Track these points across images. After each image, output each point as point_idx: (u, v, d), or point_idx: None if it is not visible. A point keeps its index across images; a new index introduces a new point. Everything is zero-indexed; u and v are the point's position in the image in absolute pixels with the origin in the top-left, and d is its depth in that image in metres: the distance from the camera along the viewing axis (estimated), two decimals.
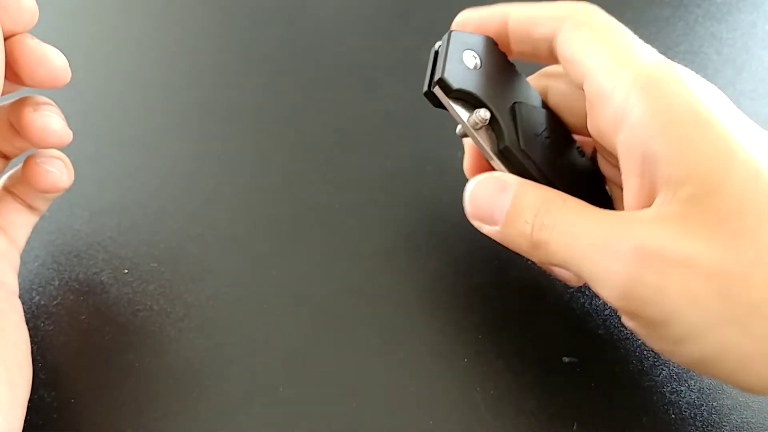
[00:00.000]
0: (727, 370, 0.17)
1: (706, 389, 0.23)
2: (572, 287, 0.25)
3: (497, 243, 0.22)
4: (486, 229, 0.22)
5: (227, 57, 0.36)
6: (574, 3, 0.22)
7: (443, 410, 0.22)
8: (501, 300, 0.25)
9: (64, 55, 0.21)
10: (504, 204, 0.21)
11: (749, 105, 0.34)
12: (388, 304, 0.25)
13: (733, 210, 0.16)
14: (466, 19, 0.24)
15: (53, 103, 0.22)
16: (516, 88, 0.23)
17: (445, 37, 0.22)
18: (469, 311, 0.25)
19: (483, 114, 0.21)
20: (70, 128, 0.22)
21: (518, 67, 0.24)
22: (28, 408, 0.20)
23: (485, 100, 0.21)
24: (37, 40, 0.20)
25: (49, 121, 0.22)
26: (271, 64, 0.35)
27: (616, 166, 0.21)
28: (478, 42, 0.23)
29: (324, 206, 0.28)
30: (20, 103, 0.22)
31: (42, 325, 0.24)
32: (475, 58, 0.22)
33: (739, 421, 0.22)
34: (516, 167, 0.22)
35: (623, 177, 0.20)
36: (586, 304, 0.25)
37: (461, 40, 0.22)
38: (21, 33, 0.20)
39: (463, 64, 0.21)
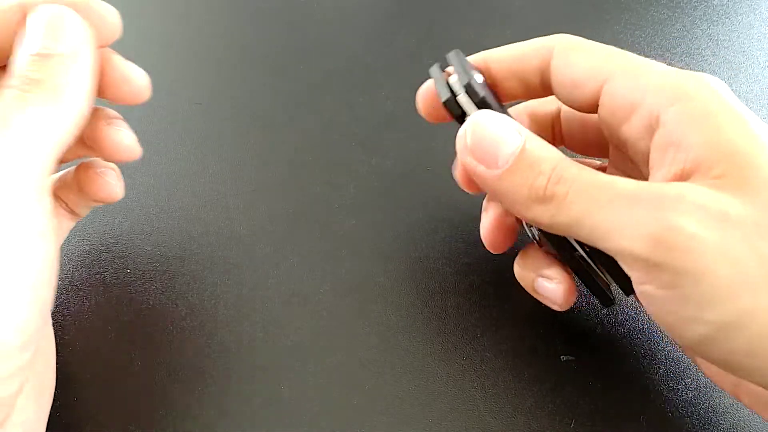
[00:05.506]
0: (746, 342, 0.16)
1: (702, 388, 0.23)
2: None
3: None
4: (480, 170, 0.19)
5: (228, 58, 0.36)
6: (555, 35, 0.22)
7: (442, 408, 0.22)
8: (499, 299, 0.25)
9: None
10: (514, 147, 0.19)
11: (746, 106, 0.34)
12: (387, 303, 0.25)
13: (765, 183, 0.16)
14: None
15: (121, 116, 0.23)
16: (504, 109, 0.22)
17: (452, 53, 0.22)
18: (468, 310, 0.25)
19: None
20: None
21: None
22: None
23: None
24: (121, 57, 0.21)
25: (124, 135, 0.22)
26: (272, 65, 0.35)
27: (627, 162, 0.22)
28: (474, 67, 0.22)
29: (323, 206, 0.29)
30: (92, 116, 0.21)
31: None
32: (481, 77, 0.22)
33: (735, 419, 0.22)
34: None
35: (651, 171, 0.19)
36: (583, 303, 0.25)
37: (466, 60, 0.22)
38: (103, 47, 0.20)
39: (476, 79, 0.21)
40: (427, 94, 0.24)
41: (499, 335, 0.24)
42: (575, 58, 0.21)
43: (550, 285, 0.22)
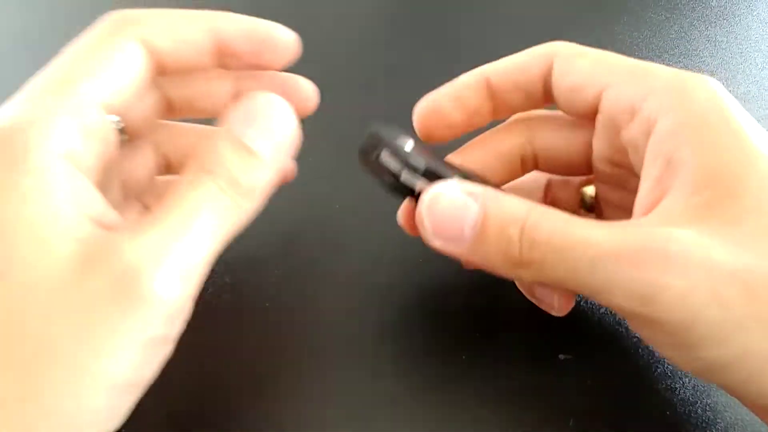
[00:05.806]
0: (744, 375, 0.16)
1: (700, 387, 0.23)
2: None
3: None
4: (452, 249, 0.19)
5: None
6: (554, 42, 0.22)
7: (442, 408, 0.23)
8: (498, 299, 0.25)
9: None
10: (475, 215, 0.18)
11: (743, 107, 0.34)
12: (387, 303, 0.25)
13: (752, 210, 0.16)
14: (440, 98, 0.23)
15: None
16: (447, 165, 0.21)
17: (374, 131, 0.21)
18: (467, 310, 0.25)
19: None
20: None
21: None
22: None
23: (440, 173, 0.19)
24: (292, 75, 0.22)
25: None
26: None
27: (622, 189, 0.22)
28: (400, 132, 0.22)
29: (323, 206, 0.29)
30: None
31: None
32: (411, 142, 0.21)
33: (733, 418, 0.22)
34: None
35: (641, 181, 0.19)
36: (581, 302, 0.25)
37: (389, 130, 0.21)
38: (277, 68, 0.21)
39: (407, 149, 0.20)
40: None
41: (498, 334, 0.24)
42: (578, 65, 0.21)
43: (546, 290, 0.22)
